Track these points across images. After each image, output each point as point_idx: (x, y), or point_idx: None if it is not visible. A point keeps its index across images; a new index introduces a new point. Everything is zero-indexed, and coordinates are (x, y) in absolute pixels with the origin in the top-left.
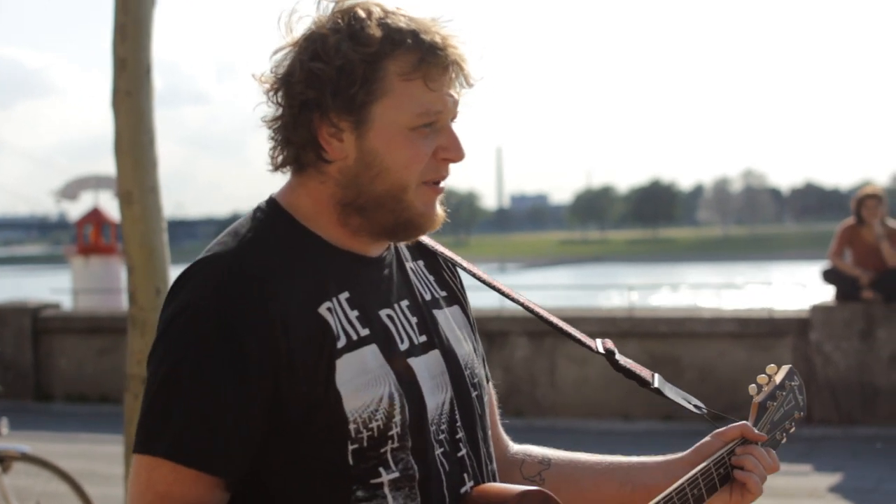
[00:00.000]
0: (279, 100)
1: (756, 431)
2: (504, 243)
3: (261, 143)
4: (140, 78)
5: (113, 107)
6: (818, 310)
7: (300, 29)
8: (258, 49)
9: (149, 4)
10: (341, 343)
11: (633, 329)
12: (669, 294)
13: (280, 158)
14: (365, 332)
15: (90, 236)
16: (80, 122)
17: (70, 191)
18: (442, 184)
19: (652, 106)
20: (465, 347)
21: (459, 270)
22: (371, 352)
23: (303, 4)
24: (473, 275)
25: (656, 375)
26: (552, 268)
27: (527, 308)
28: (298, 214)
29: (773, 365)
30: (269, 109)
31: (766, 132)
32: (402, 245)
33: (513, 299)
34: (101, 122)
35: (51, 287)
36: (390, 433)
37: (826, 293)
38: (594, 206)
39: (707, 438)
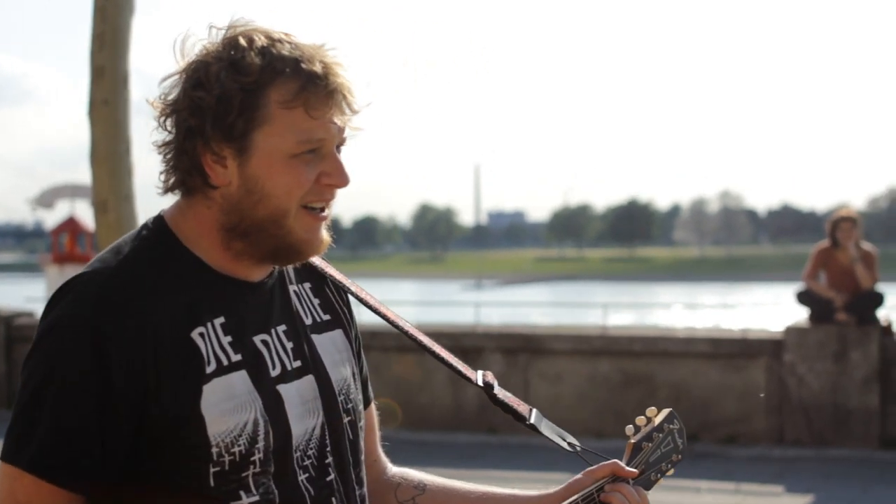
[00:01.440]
0: (168, 126)
1: (627, 468)
2: (481, 260)
3: None
4: (117, 87)
5: (90, 116)
6: (792, 331)
7: (189, 57)
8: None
9: (127, 13)
10: (210, 368)
11: (606, 347)
12: (645, 313)
13: (170, 182)
14: (236, 357)
15: (65, 245)
16: (60, 129)
17: (46, 199)
18: (326, 212)
19: (630, 126)
20: (343, 373)
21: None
22: (240, 377)
23: (196, 30)
24: (361, 300)
25: (533, 411)
26: (529, 285)
27: (405, 332)
28: (182, 236)
29: (653, 408)
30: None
31: (744, 154)
32: (288, 267)
33: (397, 326)
34: (80, 130)
35: (25, 296)
36: (252, 458)
37: (800, 314)
38: (571, 223)
39: (578, 475)
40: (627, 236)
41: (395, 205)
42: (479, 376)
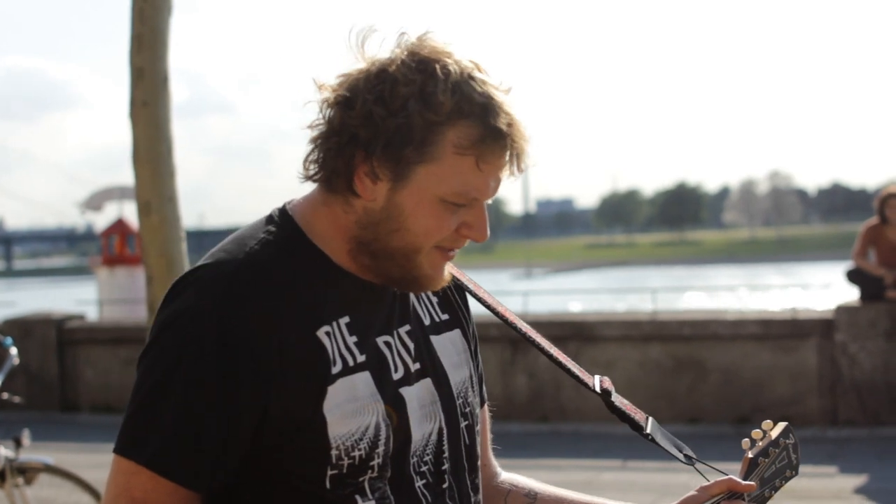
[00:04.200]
0: (330, 118)
1: (744, 483)
2: (530, 248)
3: (286, 154)
4: (157, 87)
5: (130, 117)
6: (843, 310)
7: (372, 50)
8: (281, 59)
9: (165, 14)
10: (336, 369)
11: (656, 332)
12: (695, 297)
13: (314, 174)
14: (361, 358)
15: (115, 247)
16: (106, 132)
17: (94, 202)
18: (454, 252)
19: (677, 108)
20: (461, 374)
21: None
22: (363, 379)
23: (380, 26)
24: (480, 299)
25: (650, 420)
26: (578, 272)
27: (529, 339)
28: (312, 233)
29: (769, 421)
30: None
31: (792, 133)
32: None
33: (514, 327)
34: (125, 132)
35: (76, 298)
36: (371, 463)
37: (851, 293)
38: (620, 209)
39: (693, 492)
40: (677, 220)
41: None
42: (596, 382)
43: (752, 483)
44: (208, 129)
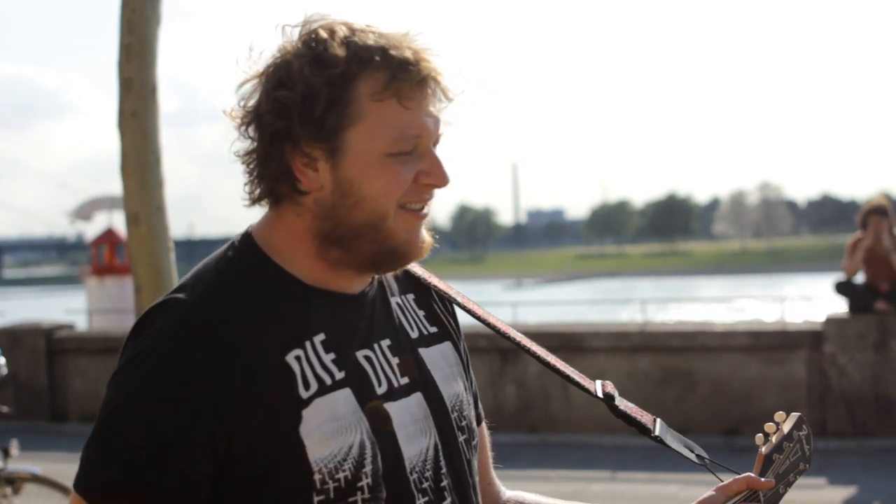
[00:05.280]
0: (251, 133)
1: (762, 480)
2: (521, 259)
3: None
4: (145, 98)
5: (119, 128)
6: (832, 322)
7: (266, 59)
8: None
9: (153, 25)
10: (310, 391)
11: (645, 343)
12: (684, 308)
13: (256, 193)
14: (340, 375)
15: (105, 257)
16: (97, 141)
17: (84, 211)
18: (426, 210)
19: (667, 119)
20: (455, 388)
21: (455, 304)
22: (344, 396)
23: (267, 34)
24: (469, 311)
25: (658, 422)
26: (569, 283)
27: (524, 349)
28: (273, 251)
29: (781, 412)
30: (242, 144)
31: (782, 144)
32: (389, 279)
33: (508, 337)
34: (116, 141)
35: (66, 308)
36: (359, 484)
37: (840, 305)
38: (610, 220)
39: (711, 492)
40: (667, 231)
41: (433, 206)
42: (598, 387)
43: (770, 480)
44: (199, 137)
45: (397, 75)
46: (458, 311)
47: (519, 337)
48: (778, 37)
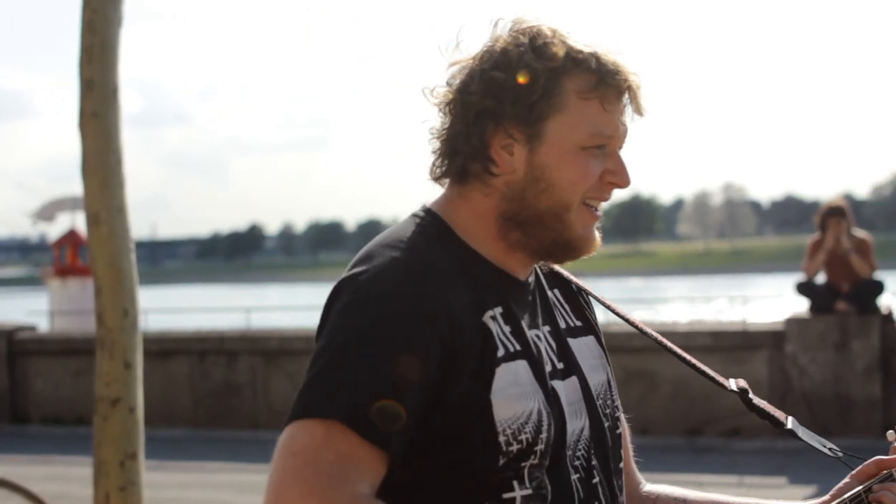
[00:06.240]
0: (451, 110)
1: (892, 458)
2: None
3: (243, 164)
4: (107, 99)
5: (80, 128)
6: (793, 322)
7: (470, 48)
8: (240, 70)
9: (115, 26)
10: (500, 353)
11: (607, 344)
12: (648, 309)
13: (442, 169)
14: (517, 347)
15: (67, 258)
16: (59, 142)
17: (46, 212)
18: (600, 211)
19: (630, 120)
20: (599, 377)
21: (592, 301)
22: (523, 367)
23: (472, 24)
24: (605, 305)
25: (790, 417)
26: None
27: (661, 344)
28: (457, 227)
29: None
30: (435, 122)
31: (746, 145)
32: (541, 272)
33: (646, 333)
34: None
35: (28, 309)
36: (536, 448)
37: (801, 305)
38: None
39: (845, 479)
40: (631, 232)
41: (398, 209)
42: (732, 382)
43: None
44: (164, 138)
45: (605, 80)
46: (597, 308)
47: (658, 336)
48: (742, 38)
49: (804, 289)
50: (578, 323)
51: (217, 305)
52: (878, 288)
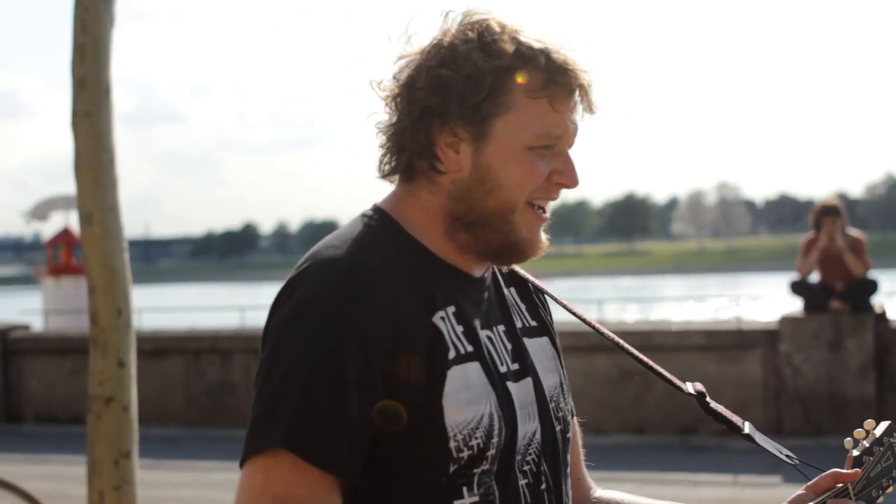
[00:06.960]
0: (398, 105)
1: (848, 472)
2: None
3: (235, 163)
4: (99, 98)
5: (72, 127)
6: (787, 321)
7: (420, 41)
8: (232, 69)
9: (108, 25)
10: (451, 355)
11: (601, 343)
12: (642, 307)
13: (390, 166)
14: (470, 348)
15: (61, 257)
16: (53, 141)
17: (40, 211)
18: (546, 214)
19: (625, 119)
20: (552, 379)
21: (548, 300)
22: (475, 368)
23: (423, 18)
24: (563, 306)
25: (747, 423)
26: None
27: (616, 344)
28: (407, 225)
29: (871, 420)
30: (383, 117)
31: (740, 144)
32: (499, 270)
33: (603, 334)
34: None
35: (22, 308)
36: (487, 454)
37: (795, 304)
38: (569, 220)
39: (800, 491)
40: (626, 231)
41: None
42: (689, 386)
43: (856, 470)
44: (157, 137)
45: (555, 78)
46: (552, 307)
47: (613, 336)
48: (736, 38)
49: (798, 288)
50: (534, 323)
51: (211, 304)
52: (872, 287)
